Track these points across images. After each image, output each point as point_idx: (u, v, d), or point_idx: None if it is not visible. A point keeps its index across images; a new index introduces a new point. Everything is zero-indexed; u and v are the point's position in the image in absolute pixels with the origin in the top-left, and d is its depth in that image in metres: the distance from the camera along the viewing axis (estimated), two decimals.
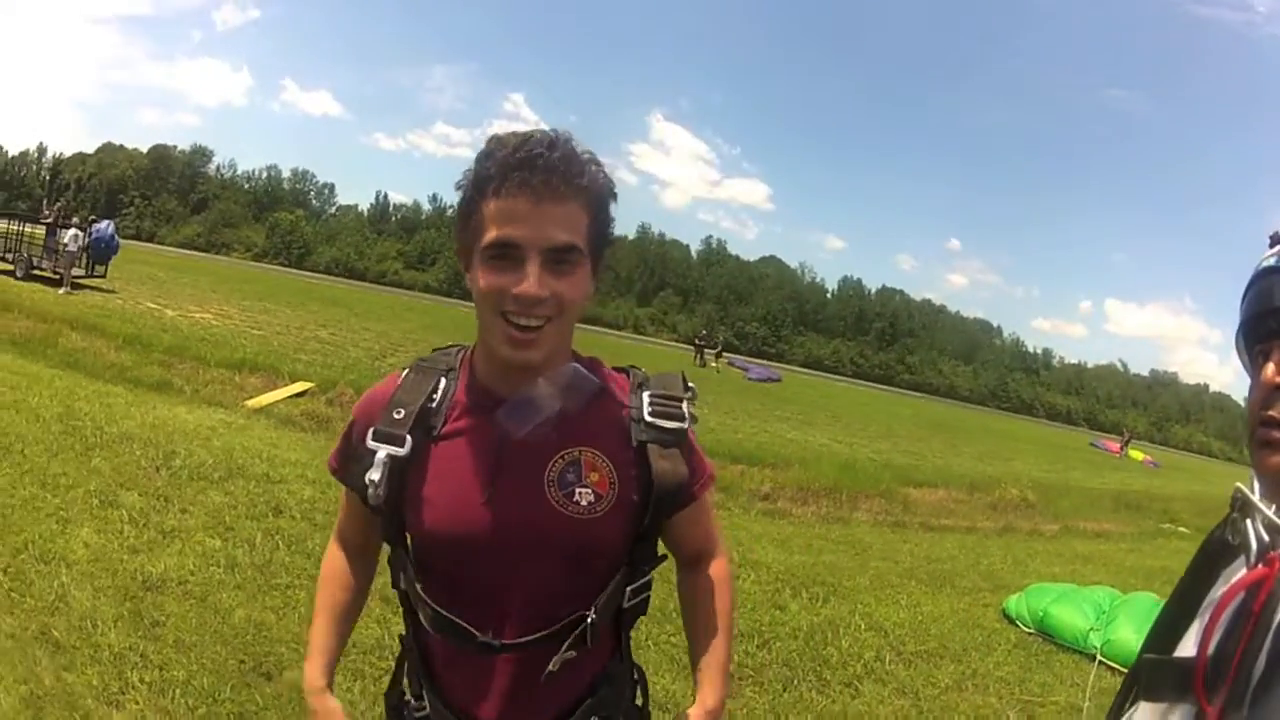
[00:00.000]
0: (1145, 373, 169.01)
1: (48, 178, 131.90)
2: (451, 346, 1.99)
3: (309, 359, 18.29)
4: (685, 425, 1.86)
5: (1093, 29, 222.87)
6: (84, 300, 22.16)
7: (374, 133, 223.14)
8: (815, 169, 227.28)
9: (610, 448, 1.81)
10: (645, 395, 1.87)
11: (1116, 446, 58.14)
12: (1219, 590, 1.43)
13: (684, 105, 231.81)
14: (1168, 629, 1.56)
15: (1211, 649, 1.35)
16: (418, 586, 1.83)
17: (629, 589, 1.87)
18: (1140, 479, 34.74)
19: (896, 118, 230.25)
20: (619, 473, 1.80)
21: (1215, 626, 1.34)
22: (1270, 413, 1.41)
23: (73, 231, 25.97)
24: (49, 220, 28.42)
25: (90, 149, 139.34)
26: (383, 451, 1.75)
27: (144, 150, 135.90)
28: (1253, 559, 1.36)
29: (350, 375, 15.83)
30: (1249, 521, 1.39)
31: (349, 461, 1.90)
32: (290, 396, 13.57)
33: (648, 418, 1.84)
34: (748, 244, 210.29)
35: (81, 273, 26.61)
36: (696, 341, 58.61)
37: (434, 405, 1.82)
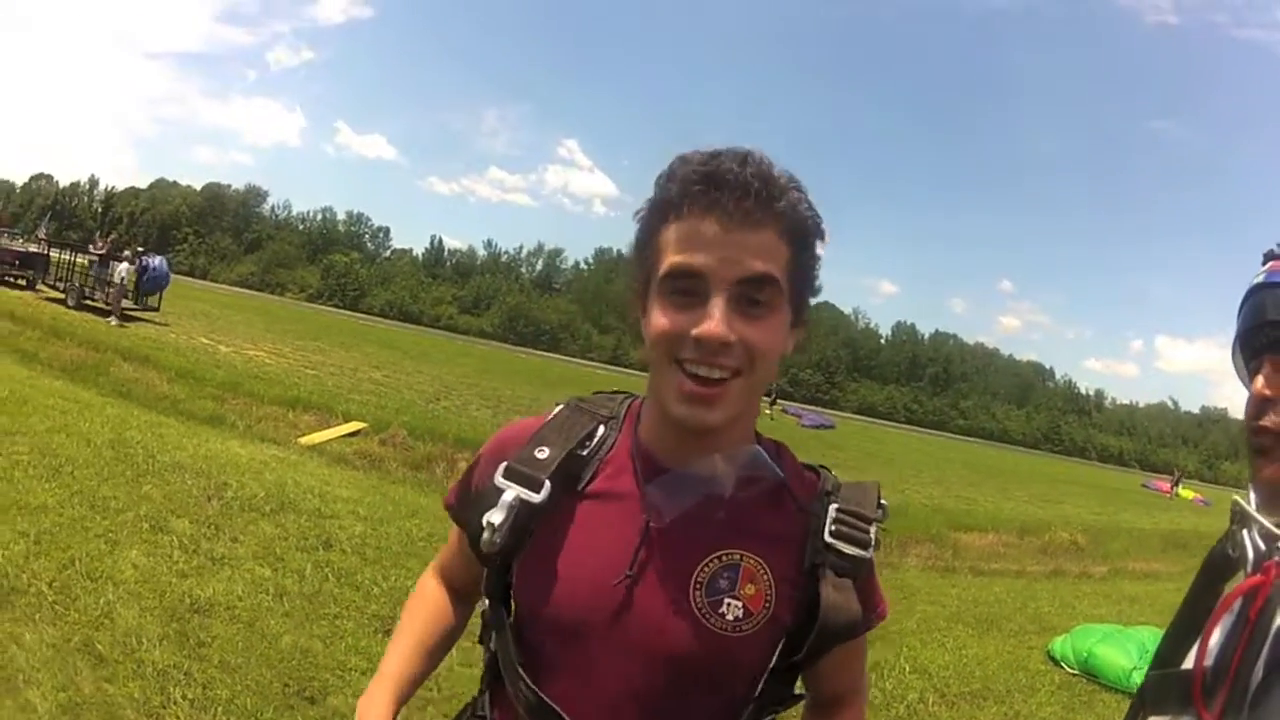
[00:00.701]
0: (1196, 409, 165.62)
1: (100, 210, 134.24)
2: (619, 393, 1.75)
3: (362, 399, 18.44)
4: (868, 555, 1.56)
5: (1132, 59, 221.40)
6: (136, 332, 22.64)
7: (428, 176, 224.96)
8: (868, 213, 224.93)
9: (777, 560, 1.52)
10: (832, 508, 1.56)
11: (1167, 486, 57.41)
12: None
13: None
14: (1173, 646, 1.57)
15: (1209, 658, 1.38)
16: (516, 659, 1.54)
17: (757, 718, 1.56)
18: (1190, 518, 34.31)
19: (945, 158, 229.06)
20: (778, 590, 1.51)
21: (1211, 635, 1.38)
22: (1262, 423, 1.45)
23: (124, 265, 26.44)
24: (101, 252, 29.03)
25: (143, 183, 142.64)
26: (512, 493, 1.49)
27: (198, 187, 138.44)
28: (1250, 568, 1.38)
29: (404, 417, 15.92)
30: (1245, 532, 1.42)
31: (468, 499, 1.65)
32: (343, 435, 13.66)
33: (828, 538, 1.53)
34: None
35: (132, 305, 27.17)
36: None
37: (585, 454, 1.57)
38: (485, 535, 1.47)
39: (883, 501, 1.60)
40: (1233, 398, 1.60)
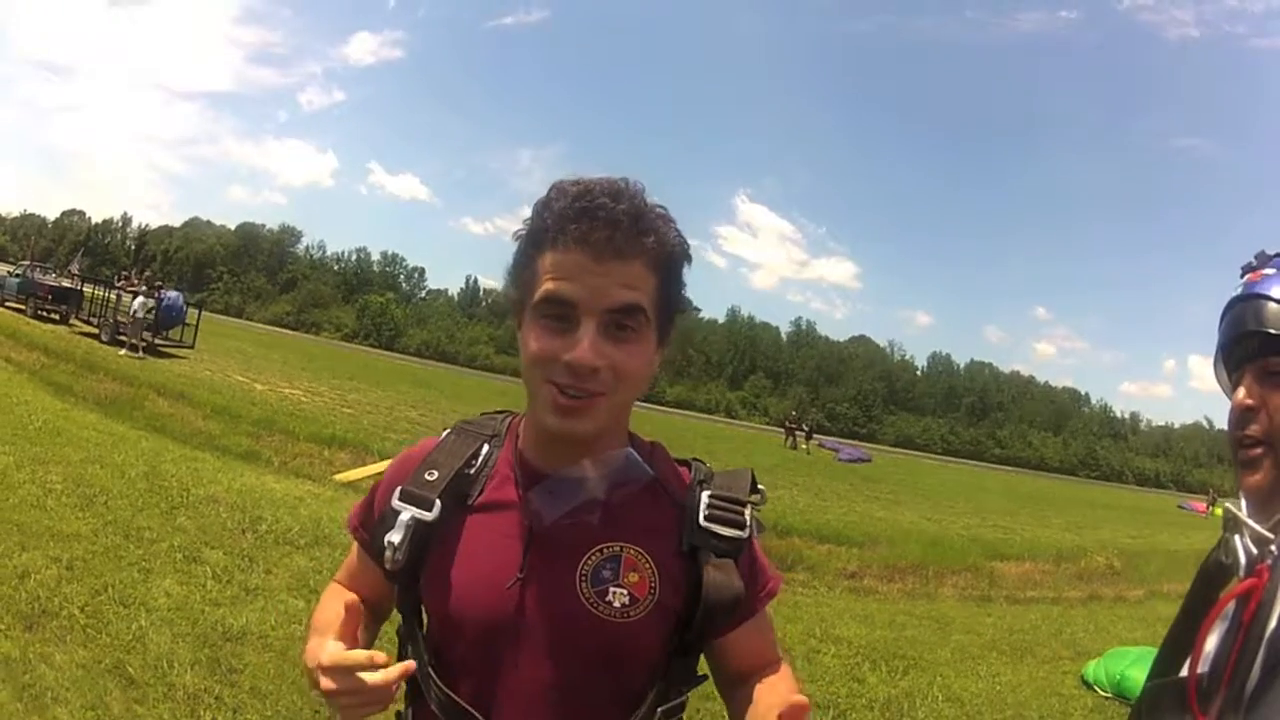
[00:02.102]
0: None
1: (133, 247, 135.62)
2: (500, 412, 1.89)
3: (399, 438, 18.44)
4: (744, 534, 1.67)
5: (1156, 77, 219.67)
6: (170, 368, 22.94)
7: (461, 217, 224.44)
8: (901, 244, 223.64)
9: (656, 549, 1.64)
10: (704, 495, 1.69)
11: (1203, 507, 56.92)
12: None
13: (768, 185, 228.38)
14: (1169, 656, 1.60)
15: (1204, 663, 1.42)
16: (430, 667, 1.64)
17: (660, 710, 1.67)
18: None
19: (976, 186, 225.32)
20: (661, 576, 1.62)
21: (1205, 640, 1.42)
22: (1246, 432, 1.52)
23: (140, 299, 26.76)
24: (124, 288, 29.38)
25: (176, 222, 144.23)
26: (408, 514, 1.61)
27: (231, 227, 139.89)
28: (1242, 572, 1.42)
29: None
30: (1238, 538, 1.46)
31: (370, 521, 1.77)
32: (378, 473, 13.64)
33: (703, 522, 1.65)
34: (836, 323, 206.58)
35: (152, 338, 27.64)
36: (787, 424, 58.03)
37: (471, 472, 1.69)
38: (388, 554, 1.59)
39: (759, 487, 1.75)
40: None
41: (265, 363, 34.28)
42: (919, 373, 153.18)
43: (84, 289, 33.01)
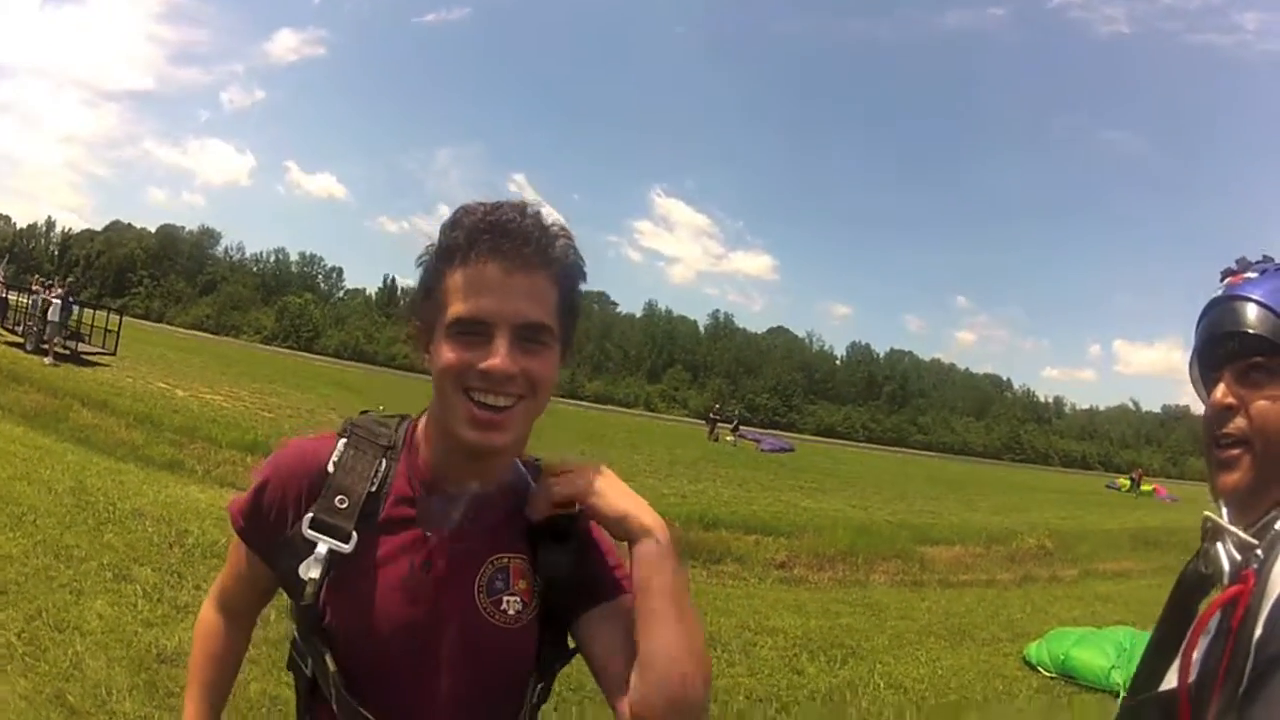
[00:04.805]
0: (1157, 409, 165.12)
1: (56, 253, 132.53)
2: (392, 417, 1.82)
3: None
4: (572, 512, 1.67)
5: (1086, 73, 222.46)
6: (93, 376, 22.41)
7: (378, 216, 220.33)
8: (818, 236, 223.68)
9: (527, 551, 1.69)
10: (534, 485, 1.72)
11: (1163, 489, 57.36)
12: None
13: (685, 180, 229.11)
14: (1149, 670, 1.61)
15: (1193, 673, 1.39)
16: (338, 682, 1.61)
17: (539, 688, 1.74)
18: (1158, 514, 34.52)
19: (897, 179, 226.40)
20: (539, 574, 1.67)
21: (1194, 649, 1.39)
22: (1226, 430, 1.52)
23: (56, 303, 26.05)
24: (47, 295, 28.66)
25: (97, 226, 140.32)
26: (324, 546, 1.58)
27: (152, 230, 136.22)
28: (1226, 579, 1.40)
29: None
30: (1220, 545, 1.45)
31: (262, 526, 1.70)
32: None
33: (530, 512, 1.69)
34: (754, 316, 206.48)
35: (73, 347, 27.02)
36: (710, 416, 58.37)
37: (375, 490, 1.66)
38: (308, 590, 1.57)
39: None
40: (1195, 398, 1.67)
41: (186, 368, 33.49)
42: (838, 362, 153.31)
43: (8, 297, 32.26)
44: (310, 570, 1.57)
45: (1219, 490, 1.54)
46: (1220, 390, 1.55)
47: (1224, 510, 1.49)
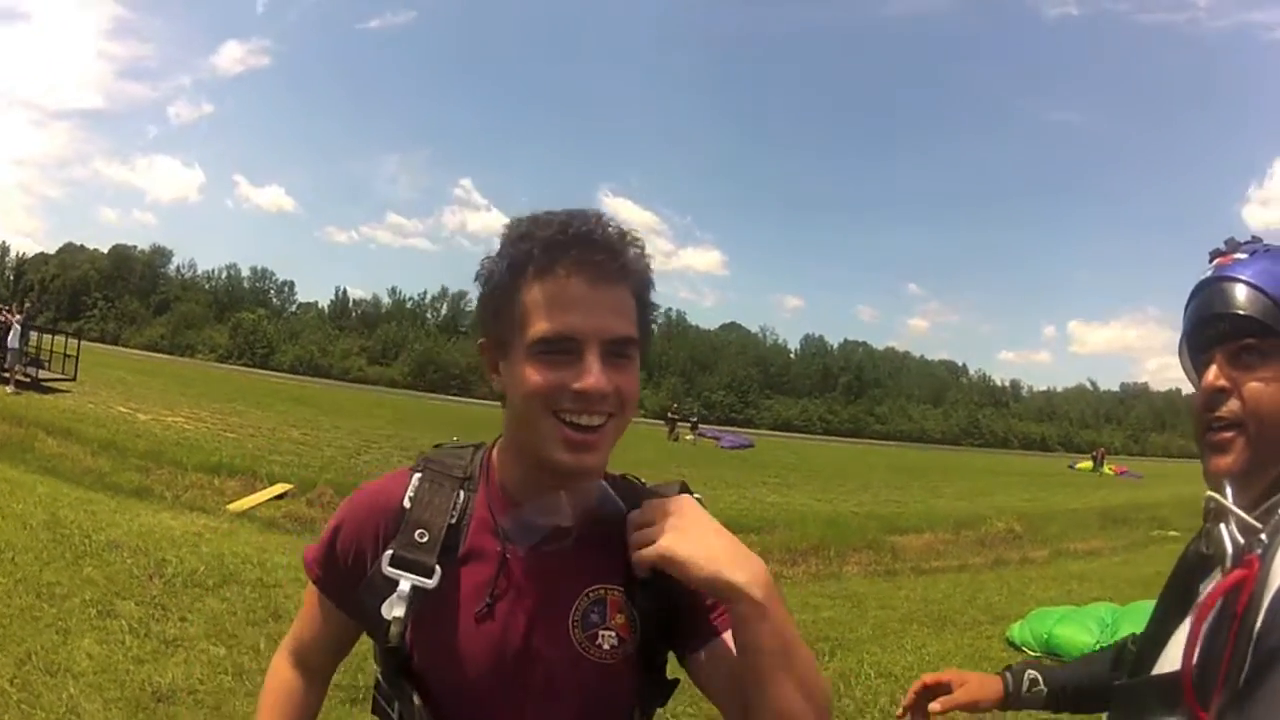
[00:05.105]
0: (1115, 388, 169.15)
1: (12, 278, 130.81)
2: (463, 446, 1.74)
3: (284, 460, 18.31)
4: None
5: (1035, 55, 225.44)
6: (55, 404, 22.24)
7: (326, 226, 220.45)
8: (767, 229, 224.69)
9: (625, 582, 1.60)
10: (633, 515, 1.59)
11: (1123, 468, 57.95)
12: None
13: (632, 179, 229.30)
14: (1148, 650, 1.61)
15: (1197, 657, 1.37)
16: None
17: None
18: (1123, 492, 34.86)
19: (843, 169, 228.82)
20: (638, 610, 1.60)
21: (1199, 634, 1.36)
22: (1219, 413, 1.51)
23: (16, 329, 25.69)
24: (5, 322, 28.22)
25: (50, 248, 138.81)
26: (407, 583, 1.51)
27: (104, 250, 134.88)
28: (1229, 562, 1.38)
29: (328, 475, 15.92)
30: (1222, 527, 1.43)
31: (339, 572, 1.65)
32: (270, 499, 13.52)
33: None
34: (706, 312, 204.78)
35: (34, 374, 26.67)
36: (669, 416, 58.19)
37: (454, 522, 1.58)
38: (392, 630, 1.49)
39: (695, 495, 1.62)
40: (1155, 373, 1.65)
41: (146, 391, 33.20)
42: (793, 355, 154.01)
43: None
44: (394, 609, 1.50)
45: (1212, 473, 1.53)
46: (1212, 372, 1.54)
47: (1228, 491, 1.46)
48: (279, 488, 14.20)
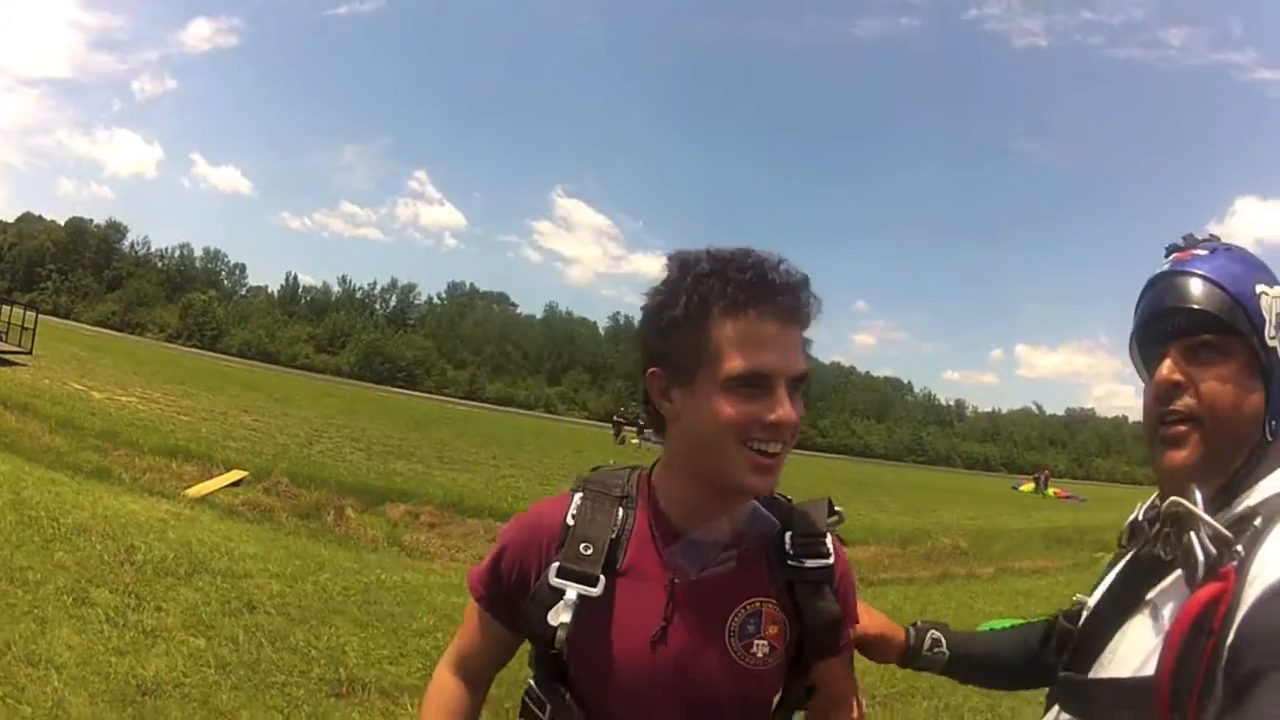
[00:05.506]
0: (1061, 412, 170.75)
1: None
2: (619, 468, 1.88)
3: (238, 446, 18.22)
4: (829, 561, 1.77)
5: (1000, 83, 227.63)
6: (12, 376, 21.88)
7: (280, 211, 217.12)
8: (717, 239, 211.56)
9: (778, 595, 1.73)
10: (787, 536, 1.77)
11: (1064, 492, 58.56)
12: (1167, 609, 1.47)
13: (586, 180, 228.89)
14: (1090, 645, 1.65)
15: (1149, 665, 1.39)
16: None
17: None
18: (1067, 515, 35.49)
19: (798, 182, 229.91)
20: (789, 622, 1.72)
21: (1176, 645, 1.34)
22: (1174, 406, 1.54)
23: None
24: None
25: (9, 217, 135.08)
26: (573, 592, 1.62)
27: (61, 222, 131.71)
28: (1200, 573, 1.37)
29: (282, 463, 15.80)
30: (1191, 535, 1.41)
31: (502, 589, 1.79)
32: (227, 485, 13.40)
33: (789, 561, 1.75)
34: None
35: None
36: (615, 419, 58.16)
37: (615, 537, 1.71)
38: (559, 635, 1.61)
39: (836, 509, 1.89)
40: (1102, 399, 1.66)
41: (99, 368, 32.86)
42: None
43: None
44: (560, 615, 1.62)
45: (1164, 467, 1.56)
46: (1167, 366, 1.55)
47: (1197, 496, 1.46)
48: (235, 474, 14.09)
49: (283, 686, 5.78)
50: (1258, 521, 1.39)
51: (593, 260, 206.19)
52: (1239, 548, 1.35)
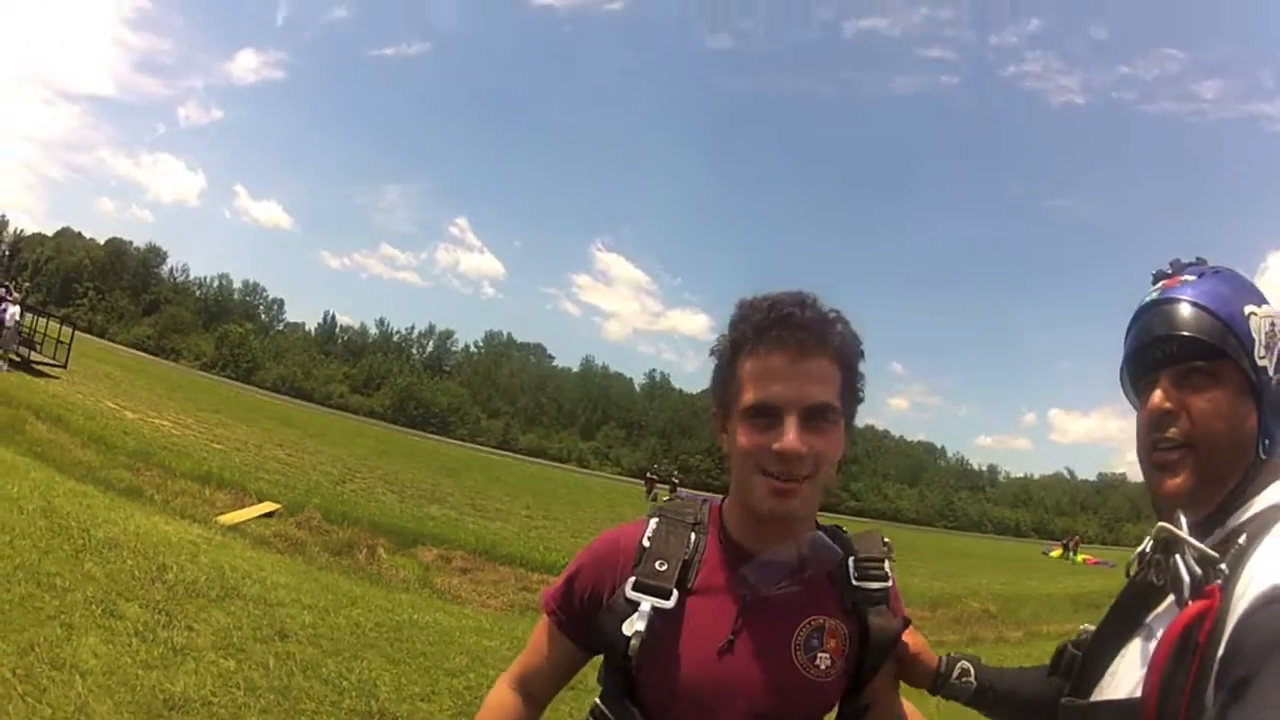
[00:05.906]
0: (1093, 477, 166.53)
1: (7, 254, 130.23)
2: (692, 499, 2.03)
3: (271, 478, 18.26)
4: (889, 584, 1.90)
5: (1037, 141, 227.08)
6: (45, 388, 22.04)
7: (320, 250, 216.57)
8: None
9: (840, 614, 1.85)
10: (850, 561, 1.89)
11: (1094, 559, 57.65)
12: (1160, 631, 1.45)
13: (626, 234, 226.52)
14: (1089, 673, 1.68)
15: (1140, 687, 1.41)
16: None
17: None
18: (1098, 580, 34.89)
19: (837, 243, 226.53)
20: (849, 637, 1.84)
21: (1162, 664, 1.36)
22: (1166, 434, 1.57)
23: (14, 309, 25.40)
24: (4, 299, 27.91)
25: (48, 229, 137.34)
26: (648, 604, 1.75)
27: (101, 241, 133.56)
28: (1186, 593, 1.39)
29: (315, 499, 15.71)
30: (1177, 558, 1.44)
31: (576, 607, 1.92)
32: (259, 516, 13.36)
33: (855, 581, 1.87)
34: (688, 375, 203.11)
35: (26, 355, 26.45)
36: (648, 475, 58.36)
37: (687, 558, 1.83)
38: (633, 644, 1.72)
39: (886, 541, 1.99)
40: (1134, 463, 1.74)
41: (133, 389, 33.14)
42: None
43: None
44: (635, 625, 1.73)
45: (1160, 494, 1.58)
46: (1158, 394, 1.58)
47: (1183, 521, 1.49)
48: (267, 506, 14.12)
49: (313, 714, 5.67)
50: (1242, 539, 1.42)
51: (631, 316, 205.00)
52: (1223, 566, 1.38)
